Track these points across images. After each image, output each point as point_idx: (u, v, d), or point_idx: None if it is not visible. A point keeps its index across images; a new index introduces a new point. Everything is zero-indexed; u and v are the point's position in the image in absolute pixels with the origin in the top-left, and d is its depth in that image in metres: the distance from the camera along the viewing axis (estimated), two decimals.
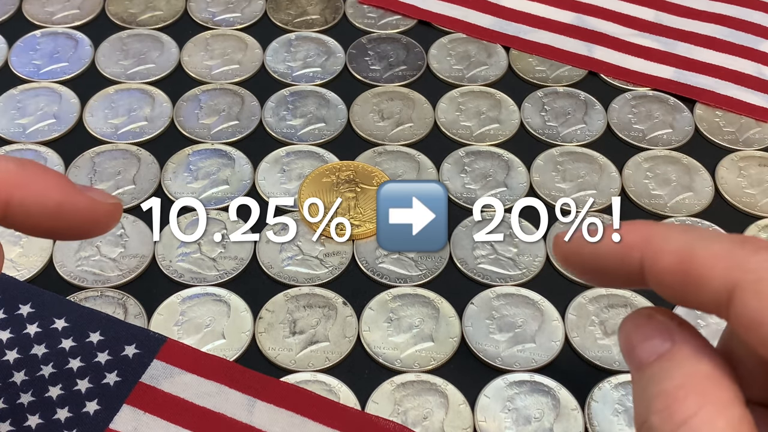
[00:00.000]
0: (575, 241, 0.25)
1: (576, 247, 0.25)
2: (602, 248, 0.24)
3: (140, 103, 0.50)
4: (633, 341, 0.23)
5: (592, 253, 0.24)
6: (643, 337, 0.23)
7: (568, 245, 0.25)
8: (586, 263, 0.25)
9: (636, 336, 0.23)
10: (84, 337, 0.39)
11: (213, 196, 0.46)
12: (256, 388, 0.38)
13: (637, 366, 0.23)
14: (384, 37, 0.55)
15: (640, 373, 0.22)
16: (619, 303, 0.42)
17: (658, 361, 0.22)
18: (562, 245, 0.25)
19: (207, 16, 0.56)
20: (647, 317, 0.23)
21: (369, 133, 0.50)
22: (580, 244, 0.25)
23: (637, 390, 0.22)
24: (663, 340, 0.22)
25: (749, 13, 0.57)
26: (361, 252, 0.44)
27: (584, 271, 0.25)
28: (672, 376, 0.21)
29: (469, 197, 0.47)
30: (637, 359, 0.23)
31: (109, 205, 0.26)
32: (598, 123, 0.51)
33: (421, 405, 0.38)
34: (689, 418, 0.20)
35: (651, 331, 0.23)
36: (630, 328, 0.24)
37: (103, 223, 0.27)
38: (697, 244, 0.21)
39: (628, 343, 0.23)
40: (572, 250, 0.25)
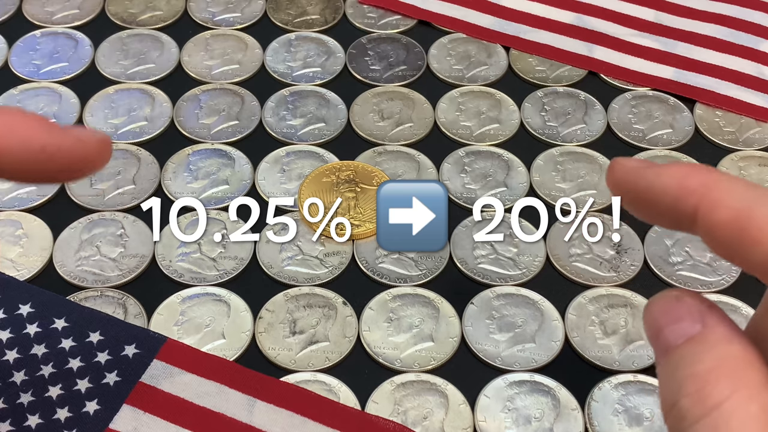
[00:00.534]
0: (634, 168, 0.24)
1: (632, 175, 0.24)
2: (659, 184, 0.23)
3: (140, 103, 0.50)
4: (660, 323, 0.22)
5: (647, 186, 0.23)
6: (672, 320, 0.22)
7: (625, 171, 0.24)
8: (638, 194, 0.23)
9: (664, 318, 0.22)
10: (84, 337, 0.39)
11: (213, 196, 0.46)
12: (256, 388, 0.38)
13: (665, 349, 0.22)
14: (384, 37, 0.55)
15: (667, 357, 0.22)
16: (619, 303, 0.42)
17: (687, 344, 0.21)
18: (618, 170, 0.24)
19: (207, 16, 0.56)
20: (676, 299, 0.23)
21: (369, 133, 0.50)
22: (638, 173, 0.23)
23: (664, 374, 0.22)
24: (693, 323, 0.22)
25: (749, 13, 0.57)
26: (361, 252, 0.44)
27: (633, 201, 0.24)
28: (703, 360, 0.21)
29: (469, 197, 0.47)
30: (665, 342, 0.22)
31: (97, 141, 0.26)
32: (598, 123, 0.51)
33: (421, 405, 0.38)
34: (722, 402, 0.20)
35: (680, 314, 0.22)
36: (657, 310, 0.23)
37: (93, 161, 0.26)
38: (757, 204, 0.21)
39: (655, 326, 0.23)
40: (628, 177, 0.24)
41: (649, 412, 0.38)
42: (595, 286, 0.43)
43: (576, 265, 0.44)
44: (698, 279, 0.43)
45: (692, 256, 0.44)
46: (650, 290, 0.43)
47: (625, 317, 0.42)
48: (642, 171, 0.23)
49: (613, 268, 0.44)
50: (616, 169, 0.24)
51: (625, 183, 0.24)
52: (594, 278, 0.43)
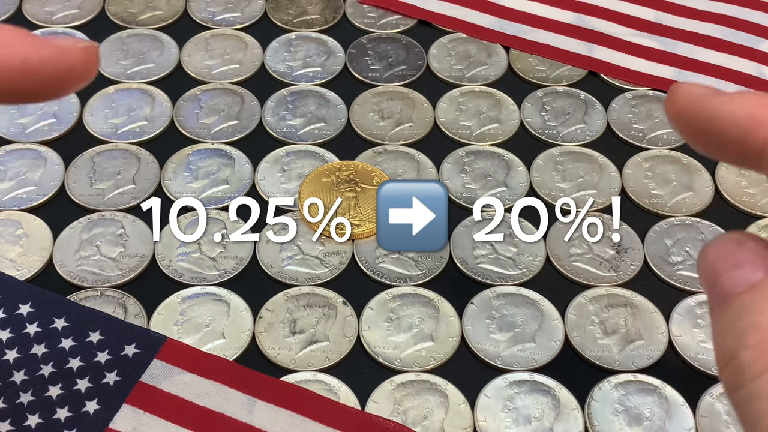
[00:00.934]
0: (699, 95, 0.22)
1: (697, 103, 0.21)
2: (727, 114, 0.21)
3: (140, 103, 0.50)
4: (719, 268, 0.21)
5: (713, 117, 0.21)
6: (732, 265, 0.21)
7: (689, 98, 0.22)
8: (702, 125, 0.21)
9: (723, 263, 0.21)
10: (84, 337, 0.39)
11: (213, 196, 0.46)
12: (256, 388, 0.38)
13: (723, 296, 0.20)
14: (384, 37, 0.55)
15: (725, 305, 0.20)
16: (619, 303, 0.42)
17: (749, 292, 0.20)
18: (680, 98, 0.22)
19: (207, 15, 0.56)
20: (736, 243, 0.21)
21: (369, 132, 0.50)
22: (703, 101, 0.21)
23: (721, 324, 0.20)
24: (755, 269, 0.20)
25: (749, 13, 0.57)
26: (361, 252, 0.44)
27: (696, 134, 0.22)
28: (766, 310, 0.19)
29: (469, 197, 0.47)
30: (724, 289, 0.21)
31: (81, 50, 0.24)
32: (598, 123, 0.51)
33: (421, 405, 0.38)
34: None
35: (741, 259, 0.21)
36: (715, 254, 0.21)
37: (79, 71, 0.24)
38: None
39: (713, 271, 0.21)
40: (692, 105, 0.22)
41: (649, 411, 0.38)
42: (595, 285, 0.43)
43: (576, 264, 0.44)
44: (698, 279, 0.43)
45: (692, 256, 0.44)
46: (650, 290, 0.43)
47: (625, 317, 0.42)
48: (708, 99, 0.21)
49: (613, 267, 0.44)
50: (679, 96, 0.22)
51: (689, 111, 0.22)
52: (594, 278, 0.43)
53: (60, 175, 0.47)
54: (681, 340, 0.41)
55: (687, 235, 0.45)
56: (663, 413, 0.38)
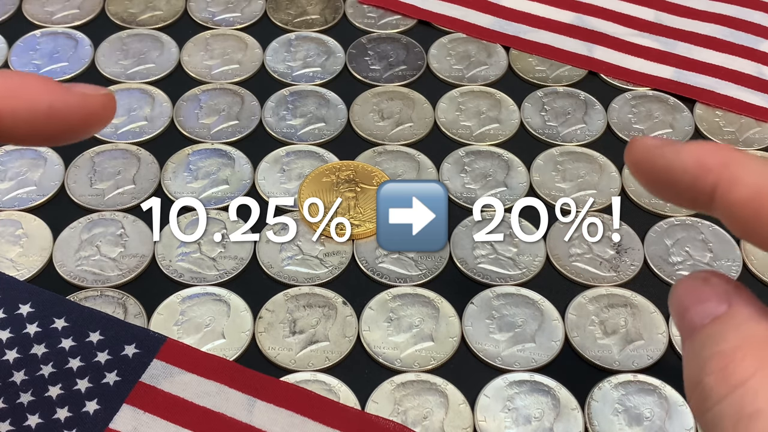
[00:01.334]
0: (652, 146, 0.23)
1: (651, 154, 0.23)
2: (677, 163, 0.22)
3: (140, 103, 0.50)
4: (686, 303, 0.22)
5: (665, 166, 0.23)
6: (698, 300, 0.22)
7: (644, 150, 0.23)
8: (657, 174, 0.23)
9: (690, 298, 0.22)
10: (84, 337, 0.39)
11: (213, 196, 0.46)
12: (256, 388, 0.38)
13: (690, 329, 0.22)
14: (384, 37, 0.55)
15: (693, 336, 0.22)
16: (619, 303, 0.42)
17: (713, 324, 0.21)
18: (636, 150, 0.24)
19: (207, 15, 0.56)
20: (702, 280, 0.23)
21: (369, 132, 0.50)
22: (656, 152, 0.23)
23: (689, 353, 0.22)
24: (719, 303, 0.22)
25: (749, 13, 0.57)
26: (361, 252, 0.44)
27: (652, 182, 0.23)
28: (727, 338, 0.21)
29: (469, 197, 0.47)
30: (691, 322, 0.22)
31: (101, 97, 0.26)
32: (598, 123, 0.51)
33: (421, 405, 0.38)
34: (746, 379, 0.19)
35: (706, 294, 0.22)
36: (683, 290, 0.23)
37: (99, 117, 0.26)
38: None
39: (681, 305, 0.23)
40: (647, 156, 0.23)
41: (649, 411, 0.38)
42: (595, 286, 0.43)
43: (576, 264, 0.44)
44: None
45: (692, 256, 0.44)
46: (650, 290, 0.43)
47: (625, 317, 0.42)
48: (661, 149, 0.23)
49: (613, 268, 0.44)
50: (635, 148, 0.24)
51: (644, 162, 0.23)
52: (594, 278, 0.43)
53: (60, 175, 0.47)
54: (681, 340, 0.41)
55: (687, 235, 0.45)
56: (663, 413, 0.38)
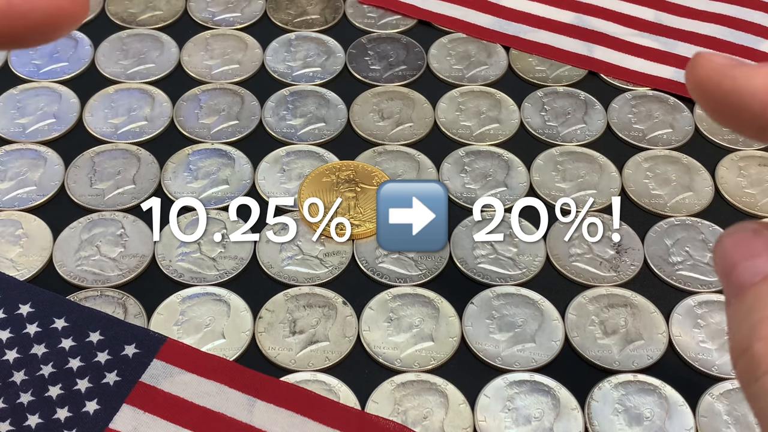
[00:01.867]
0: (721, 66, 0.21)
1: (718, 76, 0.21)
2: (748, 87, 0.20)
3: (140, 103, 0.50)
4: (734, 258, 0.20)
5: (733, 89, 0.20)
6: (747, 255, 0.20)
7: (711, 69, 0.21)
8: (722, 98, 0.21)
9: (739, 253, 0.20)
10: (84, 337, 0.39)
11: (213, 196, 0.46)
12: (256, 388, 0.38)
13: (738, 287, 0.20)
14: (384, 37, 0.55)
15: (741, 296, 0.20)
16: (619, 303, 0.42)
17: (765, 283, 0.19)
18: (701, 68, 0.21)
19: (207, 15, 0.56)
20: (753, 232, 0.20)
21: (369, 132, 0.50)
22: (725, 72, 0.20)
23: (736, 315, 0.20)
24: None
25: (749, 13, 0.57)
26: (361, 252, 0.44)
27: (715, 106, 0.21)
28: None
29: (469, 197, 0.47)
30: (739, 279, 0.20)
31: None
32: (598, 123, 0.51)
33: (421, 405, 0.38)
34: None
35: (757, 249, 0.20)
36: (731, 243, 0.21)
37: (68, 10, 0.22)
38: None
39: (728, 261, 0.20)
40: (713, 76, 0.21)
41: (649, 411, 0.38)
42: (595, 286, 0.43)
43: (576, 265, 0.44)
44: (698, 279, 0.43)
45: (692, 256, 0.44)
46: (650, 290, 0.43)
47: (625, 317, 0.42)
48: (731, 70, 0.20)
49: (613, 267, 0.44)
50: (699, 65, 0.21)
51: (709, 82, 0.21)
52: (594, 278, 0.43)
53: (60, 175, 0.47)
54: (681, 340, 0.41)
55: (687, 235, 0.45)
56: (663, 413, 0.38)
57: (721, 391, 0.39)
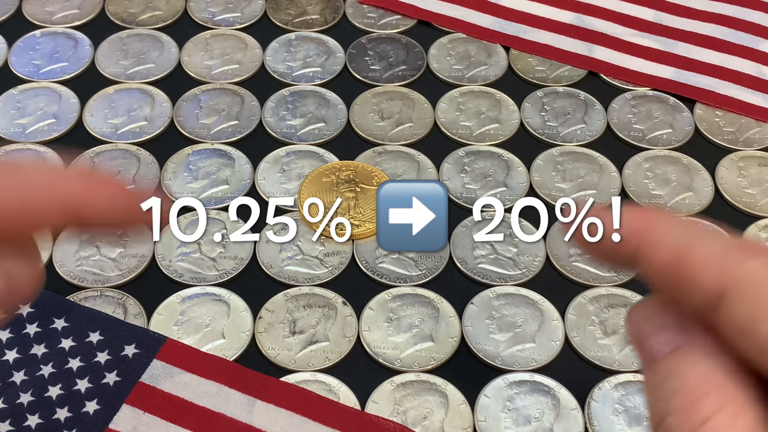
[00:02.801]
0: (577, 240, 0.26)
1: (579, 242, 0.26)
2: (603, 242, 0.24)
3: (140, 103, 0.50)
4: (645, 331, 0.22)
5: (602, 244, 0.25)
6: (657, 328, 0.22)
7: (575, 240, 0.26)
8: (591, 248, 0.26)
9: (648, 325, 0.22)
10: (84, 337, 0.39)
11: (213, 196, 0.46)
12: (256, 388, 0.38)
13: (650, 359, 0.21)
14: (384, 37, 0.55)
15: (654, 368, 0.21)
16: (619, 303, 0.42)
17: (675, 355, 0.21)
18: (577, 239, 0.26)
19: (207, 16, 0.56)
20: (662, 306, 0.22)
21: (369, 133, 0.50)
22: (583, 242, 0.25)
23: (651, 385, 0.21)
24: (679, 332, 0.21)
25: (749, 13, 0.57)
26: (361, 252, 0.44)
27: (588, 250, 0.26)
28: (692, 372, 0.20)
29: (469, 197, 0.47)
30: (650, 352, 0.21)
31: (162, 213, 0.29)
32: (598, 123, 0.51)
33: (421, 405, 0.38)
34: (710, 417, 0.19)
35: (666, 322, 0.22)
36: (640, 316, 0.22)
37: (142, 226, 0.29)
38: (693, 243, 0.21)
39: (639, 333, 0.22)
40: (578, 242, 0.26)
41: None
42: (595, 286, 0.43)
43: (576, 265, 0.44)
44: None
45: None
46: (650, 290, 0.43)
47: (625, 317, 0.42)
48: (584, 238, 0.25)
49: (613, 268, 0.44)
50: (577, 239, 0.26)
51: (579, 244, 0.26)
52: (594, 278, 0.43)
53: None
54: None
55: None
56: None
57: None
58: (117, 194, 0.27)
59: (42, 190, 0.25)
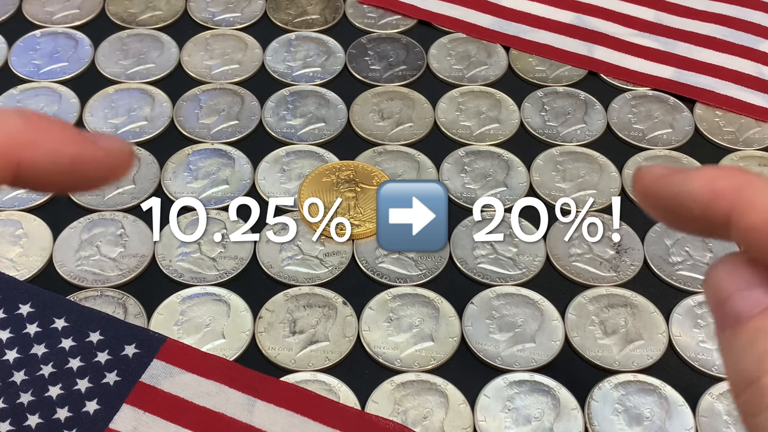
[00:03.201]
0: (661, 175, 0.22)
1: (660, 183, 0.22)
2: (688, 190, 0.21)
3: (140, 103, 0.50)
4: (728, 288, 0.20)
5: (676, 194, 0.21)
6: (743, 285, 0.20)
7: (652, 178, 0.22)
8: (668, 201, 0.22)
9: (732, 283, 0.20)
10: (84, 337, 0.39)
11: (213, 196, 0.46)
12: (256, 388, 0.38)
13: (734, 318, 0.20)
14: (384, 37, 0.55)
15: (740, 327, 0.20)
16: (619, 303, 0.42)
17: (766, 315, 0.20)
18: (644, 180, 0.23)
19: (207, 15, 0.56)
20: (747, 264, 0.21)
21: (369, 132, 0.50)
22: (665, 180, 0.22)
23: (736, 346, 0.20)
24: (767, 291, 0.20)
25: (749, 13, 0.57)
26: (361, 252, 0.44)
27: (663, 211, 0.22)
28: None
29: (469, 197, 0.47)
30: (735, 310, 0.20)
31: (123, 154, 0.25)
32: (598, 123, 0.51)
33: (421, 405, 0.38)
34: None
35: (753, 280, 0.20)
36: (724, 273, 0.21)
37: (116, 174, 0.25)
38: None
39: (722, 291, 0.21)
40: (656, 184, 0.22)
41: (649, 411, 0.38)
42: (595, 286, 0.43)
43: (576, 265, 0.44)
44: (698, 279, 0.43)
45: (692, 256, 0.44)
46: (650, 290, 0.43)
47: (625, 317, 0.42)
48: (670, 177, 0.22)
49: (613, 268, 0.44)
50: (642, 178, 0.23)
51: (654, 191, 0.22)
52: (594, 278, 0.43)
53: None
54: (681, 340, 0.41)
55: (687, 235, 0.45)
56: (663, 413, 0.38)
57: (721, 391, 0.39)
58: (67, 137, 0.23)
59: None
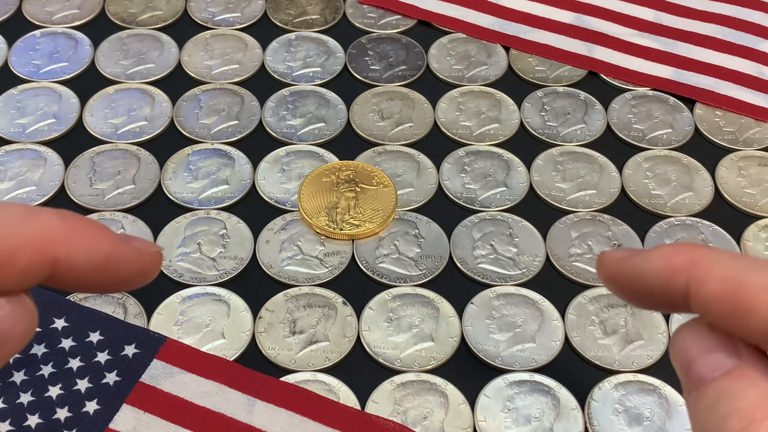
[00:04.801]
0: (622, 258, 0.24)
1: (622, 265, 0.24)
2: (648, 268, 0.23)
3: (140, 103, 0.50)
4: (692, 353, 0.22)
5: (637, 273, 0.23)
6: (705, 350, 0.21)
7: (614, 262, 0.24)
8: (630, 284, 0.24)
9: (695, 347, 0.22)
10: (84, 337, 0.39)
11: (213, 196, 0.46)
12: (256, 388, 0.38)
13: (698, 381, 0.21)
14: (384, 37, 0.55)
15: (703, 389, 0.21)
16: (619, 303, 0.42)
17: (727, 378, 0.21)
18: (606, 264, 0.24)
19: (207, 16, 0.56)
20: (708, 328, 0.22)
21: (369, 132, 0.50)
22: (626, 262, 0.23)
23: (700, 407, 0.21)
24: (729, 355, 0.21)
25: (749, 13, 0.57)
26: (361, 252, 0.44)
27: (627, 292, 0.24)
28: (747, 395, 0.20)
29: (469, 197, 0.47)
30: (699, 374, 0.21)
31: (153, 255, 0.25)
32: (598, 123, 0.51)
33: (421, 405, 0.38)
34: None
35: (714, 344, 0.21)
36: (688, 338, 0.22)
37: (148, 273, 0.25)
38: (746, 274, 0.20)
39: (686, 355, 0.22)
40: (618, 267, 0.24)
41: (649, 411, 0.38)
42: (595, 286, 0.43)
43: (576, 265, 0.44)
44: None
45: None
46: None
47: (625, 317, 0.42)
48: (630, 259, 0.23)
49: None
50: (604, 262, 0.24)
51: (616, 274, 0.24)
52: (594, 278, 0.43)
53: (60, 176, 0.47)
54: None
55: (687, 235, 0.45)
56: (663, 413, 0.38)
57: None
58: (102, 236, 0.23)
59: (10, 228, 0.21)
